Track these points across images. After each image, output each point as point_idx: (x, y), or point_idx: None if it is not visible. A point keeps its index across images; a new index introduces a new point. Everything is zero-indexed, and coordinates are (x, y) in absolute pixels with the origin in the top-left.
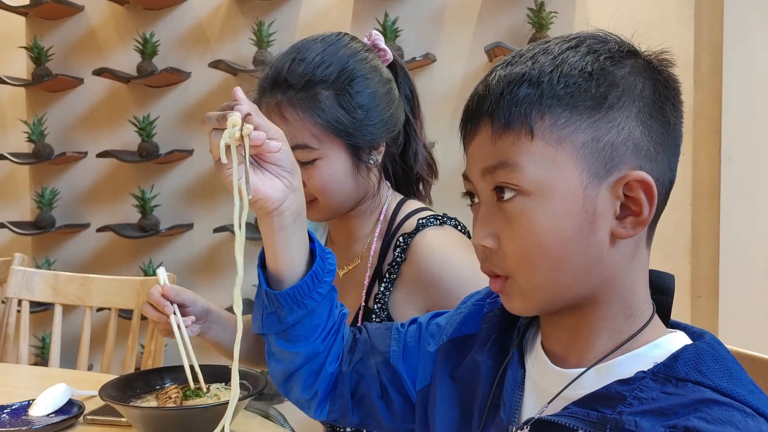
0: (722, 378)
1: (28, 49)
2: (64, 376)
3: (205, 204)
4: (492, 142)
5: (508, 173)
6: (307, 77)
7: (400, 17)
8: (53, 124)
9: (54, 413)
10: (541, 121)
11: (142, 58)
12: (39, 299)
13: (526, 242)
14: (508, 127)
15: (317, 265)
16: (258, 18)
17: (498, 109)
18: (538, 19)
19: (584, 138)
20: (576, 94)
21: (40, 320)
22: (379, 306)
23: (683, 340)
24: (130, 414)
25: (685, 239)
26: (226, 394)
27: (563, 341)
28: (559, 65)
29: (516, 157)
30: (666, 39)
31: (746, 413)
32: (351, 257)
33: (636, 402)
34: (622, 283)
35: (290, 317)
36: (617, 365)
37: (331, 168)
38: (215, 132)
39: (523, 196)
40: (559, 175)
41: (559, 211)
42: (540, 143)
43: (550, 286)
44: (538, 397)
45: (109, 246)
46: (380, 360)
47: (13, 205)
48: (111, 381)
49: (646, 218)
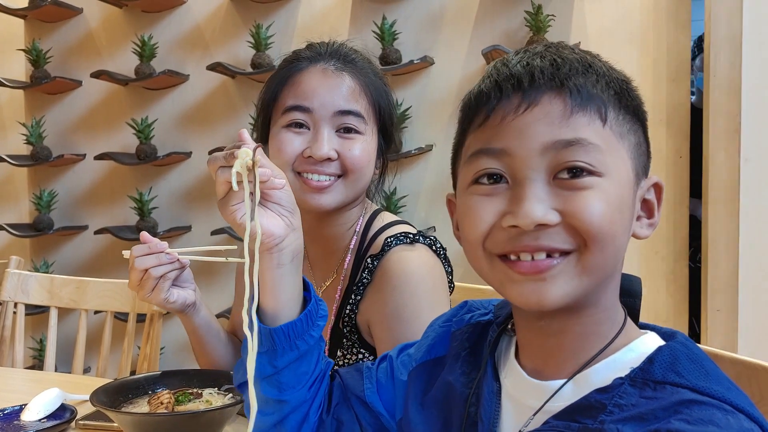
0: (699, 377)
1: (27, 52)
2: (58, 380)
3: (203, 206)
4: (565, 116)
5: (588, 152)
6: (366, 64)
7: (398, 20)
8: (51, 127)
9: (46, 418)
10: (611, 110)
11: (141, 60)
12: (34, 302)
13: (605, 216)
14: (585, 104)
15: (311, 306)
16: (256, 21)
17: (577, 83)
18: (536, 22)
19: (634, 140)
20: (628, 98)
21: (38, 322)
22: (348, 329)
23: (656, 341)
24: (121, 420)
25: (682, 243)
26: (218, 400)
27: (545, 350)
28: (611, 68)
29: (593, 137)
30: (663, 42)
31: (726, 410)
32: (328, 272)
33: (616, 410)
34: (615, 288)
35: (281, 359)
36: (594, 374)
37: (369, 147)
38: (222, 170)
39: (596, 177)
40: (621, 166)
41: (622, 196)
42: (608, 131)
43: (604, 271)
44: (516, 411)
45: (107, 248)
46: (357, 402)
47: (12, 207)
48: (103, 386)
49: (657, 220)
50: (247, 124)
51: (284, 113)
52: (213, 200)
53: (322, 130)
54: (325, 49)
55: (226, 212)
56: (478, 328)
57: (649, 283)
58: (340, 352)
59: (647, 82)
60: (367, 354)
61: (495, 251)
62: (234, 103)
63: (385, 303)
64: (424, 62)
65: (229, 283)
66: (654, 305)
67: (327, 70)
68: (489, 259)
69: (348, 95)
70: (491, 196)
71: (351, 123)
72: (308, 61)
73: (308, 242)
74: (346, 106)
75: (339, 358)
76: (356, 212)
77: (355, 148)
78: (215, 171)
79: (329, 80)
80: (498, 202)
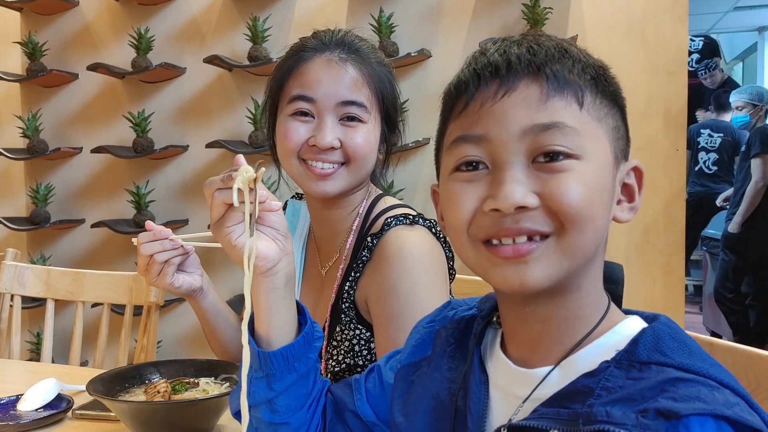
0: (683, 355)
1: (23, 45)
2: (55, 371)
3: (200, 200)
4: (542, 100)
5: (565, 135)
6: (370, 53)
7: (395, 13)
8: (48, 120)
9: (42, 408)
10: (585, 95)
11: (137, 53)
12: (31, 294)
13: (582, 199)
14: (562, 88)
15: (308, 328)
16: (253, 14)
17: (553, 68)
18: (533, 14)
19: (612, 123)
20: (605, 84)
21: (36, 316)
22: (347, 305)
23: (639, 323)
24: (117, 408)
25: (678, 236)
26: (215, 389)
27: (531, 338)
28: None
29: (571, 120)
30: (660, 35)
31: (711, 386)
32: (331, 252)
33: (604, 393)
34: (597, 273)
35: (280, 383)
36: (580, 359)
37: (371, 135)
38: (219, 191)
39: (574, 160)
40: (599, 148)
41: (601, 178)
42: (586, 115)
43: (584, 254)
44: (504, 401)
45: (103, 242)
46: (350, 416)
47: (8, 200)
48: (99, 375)
49: (637, 204)
50: (244, 116)
51: (290, 102)
52: None
53: (326, 119)
54: (330, 38)
55: (220, 234)
56: (462, 323)
57: (645, 275)
58: (338, 328)
59: (644, 75)
60: (363, 330)
61: (479, 237)
62: (231, 96)
63: (382, 279)
64: (421, 55)
65: (229, 271)
66: (651, 297)
67: (331, 60)
68: (473, 245)
69: (351, 85)
70: (472, 182)
71: (354, 112)
72: (313, 50)
73: (314, 224)
74: (349, 97)
75: (337, 333)
76: (360, 195)
77: (357, 137)
78: (211, 194)
79: (333, 71)
80: (479, 187)
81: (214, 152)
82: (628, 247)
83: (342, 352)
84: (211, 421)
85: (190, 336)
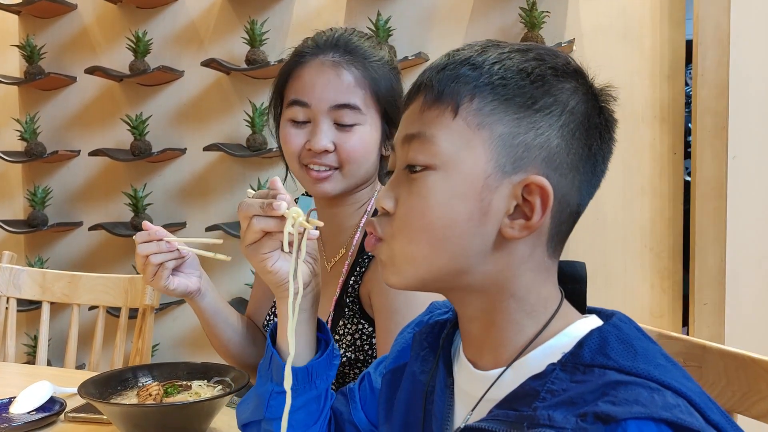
0: (626, 358)
1: (21, 48)
2: (49, 373)
3: (197, 203)
4: (420, 112)
5: (423, 144)
6: (365, 48)
7: (392, 16)
8: (46, 123)
9: (35, 411)
10: (469, 103)
11: (135, 56)
12: (26, 297)
13: (415, 210)
14: (438, 100)
15: (331, 346)
16: (251, 17)
17: (434, 82)
18: (530, 18)
19: (502, 130)
20: (509, 87)
21: (33, 319)
22: (351, 299)
23: (591, 324)
24: (109, 411)
25: (677, 240)
26: (207, 392)
27: (477, 337)
28: (504, 60)
29: (434, 130)
30: (657, 39)
31: (651, 388)
32: (337, 248)
33: (549, 395)
34: (514, 283)
35: (300, 398)
36: (531, 360)
37: (368, 135)
38: (258, 218)
39: (430, 170)
40: (468, 156)
41: (457, 190)
42: (461, 123)
43: (423, 263)
44: (465, 403)
45: (101, 245)
46: (349, 426)
47: (6, 203)
48: (91, 378)
49: (534, 224)
50: (241, 120)
51: (288, 106)
52: (208, 197)
53: (320, 123)
54: (326, 40)
55: (256, 258)
56: (436, 327)
57: (643, 279)
58: (341, 322)
59: (641, 79)
60: (366, 325)
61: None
62: (229, 99)
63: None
64: (418, 58)
65: (224, 274)
66: (648, 301)
67: (325, 63)
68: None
69: (344, 88)
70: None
71: (348, 115)
72: (310, 53)
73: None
74: (342, 100)
75: (340, 327)
76: (367, 193)
77: (352, 140)
78: (247, 218)
79: (326, 74)
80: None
81: (212, 155)
82: (625, 252)
83: (344, 345)
84: (203, 424)
85: (187, 339)
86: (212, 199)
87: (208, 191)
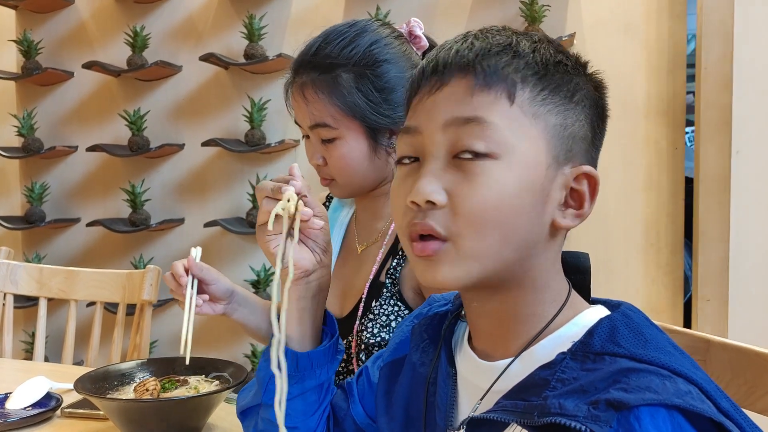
0: (637, 345)
1: (18, 43)
2: (45, 369)
3: (195, 198)
4: (469, 95)
5: (483, 130)
6: (330, 59)
7: (391, 10)
8: (43, 118)
9: (31, 406)
10: (522, 91)
11: (133, 51)
12: (23, 293)
13: (487, 203)
14: (490, 84)
15: (335, 339)
16: (249, 11)
17: (484, 64)
18: (531, 12)
19: (555, 121)
20: (554, 78)
21: (31, 315)
22: (391, 281)
23: (600, 313)
24: (106, 406)
25: (678, 235)
26: (204, 387)
27: (488, 330)
28: (538, 49)
29: (493, 116)
30: (658, 32)
31: (663, 375)
32: (372, 234)
33: (559, 385)
34: (548, 270)
35: (299, 386)
36: (540, 350)
37: (349, 148)
38: (267, 200)
39: (491, 159)
40: (530, 147)
41: (523, 180)
42: (517, 111)
43: (493, 258)
44: (471, 394)
45: (99, 241)
46: (349, 422)
47: (3, 199)
48: (88, 373)
49: (586, 212)
50: (240, 115)
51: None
52: (206, 193)
53: (311, 140)
54: (299, 60)
55: (262, 240)
56: (435, 319)
57: (645, 274)
58: (375, 302)
59: (643, 73)
60: (402, 307)
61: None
62: (227, 94)
63: None
64: None
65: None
66: (649, 296)
67: (296, 86)
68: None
69: (311, 110)
70: (408, 177)
71: (325, 132)
72: (291, 77)
73: (358, 207)
74: (314, 121)
75: (374, 307)
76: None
77: (335, 154)
78: (261, 199)
79: (297, 100)
80: (411, 181)
81: (210, 151)
82: (628, 247)
83: (378, 325)
84: (201, 420)
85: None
86: (211, 195)
87: (207, 187)
